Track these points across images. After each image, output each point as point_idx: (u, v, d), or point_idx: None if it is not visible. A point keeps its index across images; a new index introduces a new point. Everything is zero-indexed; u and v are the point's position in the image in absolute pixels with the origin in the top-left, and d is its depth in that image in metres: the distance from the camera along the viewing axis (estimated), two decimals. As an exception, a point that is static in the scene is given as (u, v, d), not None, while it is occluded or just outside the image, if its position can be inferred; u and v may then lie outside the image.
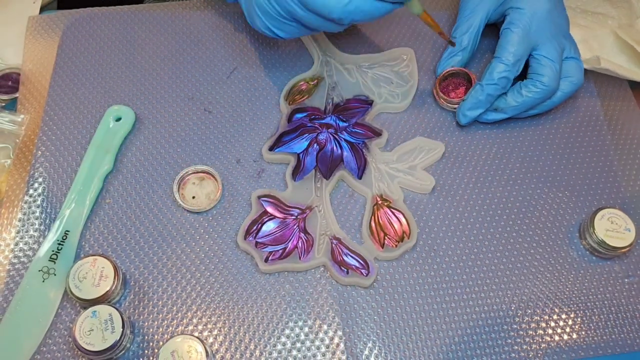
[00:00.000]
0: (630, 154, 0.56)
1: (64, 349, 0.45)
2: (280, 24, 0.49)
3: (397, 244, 0.49)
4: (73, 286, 0.44)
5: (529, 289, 0.49)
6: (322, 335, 0.46)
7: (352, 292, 0.48)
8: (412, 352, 0.46)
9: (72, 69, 0.58)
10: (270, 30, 0.50)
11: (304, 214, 0.50)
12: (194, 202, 0.51)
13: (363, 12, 0.44)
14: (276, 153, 0.53)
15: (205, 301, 0.47)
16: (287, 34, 0.50)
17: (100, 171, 0.51)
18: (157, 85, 0.57)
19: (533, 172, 0.54)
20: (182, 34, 0.61)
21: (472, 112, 0.54)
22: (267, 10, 0.48)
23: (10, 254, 0.48)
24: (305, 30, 0.49)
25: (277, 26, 0.49)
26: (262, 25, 0.50)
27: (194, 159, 0.53)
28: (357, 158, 0.53)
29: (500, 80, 0.52)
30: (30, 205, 0.50)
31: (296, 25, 0.48)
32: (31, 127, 0.54)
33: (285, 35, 0.50)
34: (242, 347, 0.45)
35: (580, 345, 0.47)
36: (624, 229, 0.49)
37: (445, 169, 0.54)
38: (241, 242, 0.48)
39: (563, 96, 0.55)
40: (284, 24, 0.49)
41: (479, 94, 0.53)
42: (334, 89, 0.57)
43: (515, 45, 0.52)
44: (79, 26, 0.60)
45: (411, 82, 0.58)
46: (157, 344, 0.45)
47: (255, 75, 0.59)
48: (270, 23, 0.49)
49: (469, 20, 0.56)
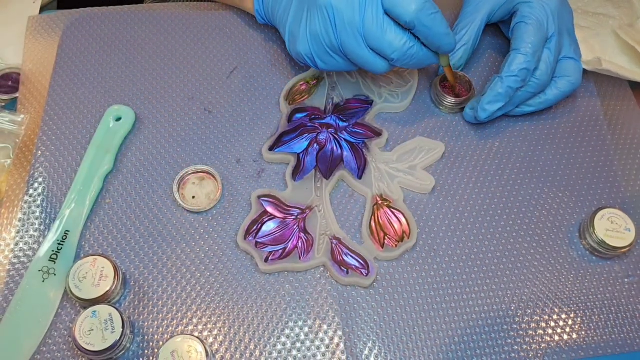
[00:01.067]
0: (630, 154, 0.56)
1: (64, 349, 0.45)
2: (327, 56, 0.49)
3: (397, 244, 0.49)
4: (73, 286, 0.44)
5: (529, 289, 0.49)
6: (322, 335, 0.46)
7: (352, 292, 0.48)
8: (412, 352, 0.46)
9: (72, 69, 0.58)
10: (312, 60, 0.50)
11: (304, 214, 0.50)
12: (194, 202, 0.51)
13: (417, 58, 0.48)
14: (276, 153, 0.53)
15: (205, 301, 0.47)
16: (328, 67, 0.51)
17: (100, 171, 0.51)
18: (157, 85, 0.57)
19: (533, 172, 0.54)
20: (182, 34, 0.61)
21: (491, 105, 0.52)
22: (321, 40, 0.48)
23: (10, 254, 0.48)
24: (349, 66, 0.50)
25: (321, 57, 0.50)
26: (306, 52, 0.50)
27: (194, 159, 0.53)
28: (357, 158, 0.53)
29: (521, 72, 0.51)
30: (30, 205, 0.50)
31: (342, 60, 0.49)
32: (31, 127, 0.54)
33: (326, 67, 0.51)
34: (242, 347, 0.45)
35: (580, 345, 0.47)
36: (624, 229, 0.49)
37: (445, 169, 0.54)
38: (241, 242, 0.48)
39: (560, 95, 0.54)
40: (330, 56, 0.49)
41: (498, 86, 0.52)
42: (334, 89, 0.57)
43: (532, 36, 0.52)
44: (79, 26, 0.60)
45: (411, 82, 0.58)
46: (157, 344, 0.45)
47: (255, 75, 0.59)
48: (316, 52, 0.49)
49: (472, 16, 0.56)
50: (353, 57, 0.48)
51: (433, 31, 0.46)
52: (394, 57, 0.47)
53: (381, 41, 0.46)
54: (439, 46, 0.47)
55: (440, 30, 0.46)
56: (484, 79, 0.60)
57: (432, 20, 0.45)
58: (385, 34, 0.46)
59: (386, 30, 0.46)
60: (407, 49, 0.46)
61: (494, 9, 0.56)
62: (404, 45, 0.46)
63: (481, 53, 0.61)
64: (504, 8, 0.56)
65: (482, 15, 0.56)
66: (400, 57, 0.47)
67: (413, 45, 0.47)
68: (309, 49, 0.49)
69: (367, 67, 0.48)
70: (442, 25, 0.46)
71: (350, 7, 0.45)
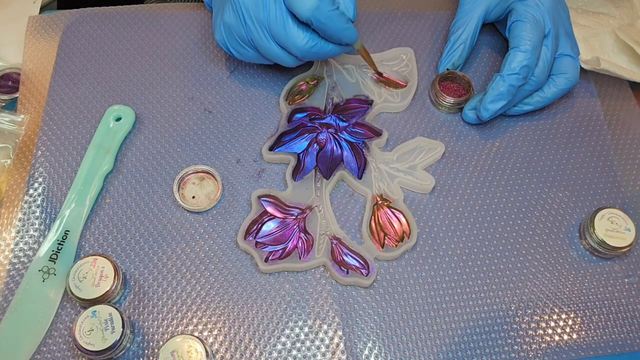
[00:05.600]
0: (630, 154, 0.56)
1: (64, 349, 0.45)
2: (239, 47, 0.51)
3: (397, 243, 0.49)
4: (73, 286, 0.44)
5: (529, 289, 0.49)
6: (322, 335, 0.46)
7: (352, 292, 0.48)
8: (412, 352, 0.46)
9: (72, 69, 0.58)
10: (226, 48, 0.52)
11: (304, 214, 0.50)
12: (194, 202, 0.51)
13: (320, 54, 0.49)
14: (276, 153, 0.53)
15: (205, 301, 0.47)
16: (242, 57, 0.53)
17: (100, 171, 0.51)
18: (157, 85, 0.57)
19: (533, 172, 0.54)
20: (182, 34, 0.61)
21: (494, 104, 0.52)
22: (233, 32, 0.50)
23: (10, 254, 0.48)
24: (261, 59, 0.52)
25: (235, 48, 0.52)
26: (221, 41, 0.52)
27: (194, 159, 0.53)
28: (357, 158, 0.53)
29: (522, 69, 0.51)
30: (30, 205, 0.50)
31: (254, 52, 0.51)
32: (31, 127, 0.54)
33: (239, 57, 0.53)
34: (242, 347, 0.45)
35: (580, 345, 0.47)
36: (624, 229, 0.49)
37: (445, 169, 0.54)
38: (241, 242, 0.48)
39: (558, 93, 0.54)
40: (243, 48, 0.51)
41: (499, 85, 0.52)
42: (334, 89, 0.57)
43: (530, 33, 0.52)
44: (79, 26, 0.60)
45: (411, 82, 0.58)
46: (157, 344, 0.45)
47: (255, 75, 0.59)
48: (229, 43, 0.52)
49: (468, 15, 0.56)
50: (262, 51, 0.50)
51: (331, 27, 0.47)
52: (297, 55, 0.49)
53: (285, 39, 0.48)
54: (340, 39, 0.49)
55: (338, 25, 0.47)
56: (483, 79, 0.60)
57: (328, 18, 0.46)
58: (288, 33, 0.47)
59: (289, 28, 0.47)
60: (309, 47, 0.48)
61: (490, 8, 0.56)
62: (306, 44, 0.48)
63: (480, 53, 0.61)
64: (500, 7, 0.56)
65: (479, 14, 0.56)
66: (304, 55, 0.49)
67: (316, 44, 0.48)
68: (224, 39, 0.52)
69: (277, 61, 0.51)
70: (339, 21, 0.47)
71: (255, 3, 0.47)
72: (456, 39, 0.57)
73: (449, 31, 0.58)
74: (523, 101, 0.55)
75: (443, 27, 0.63)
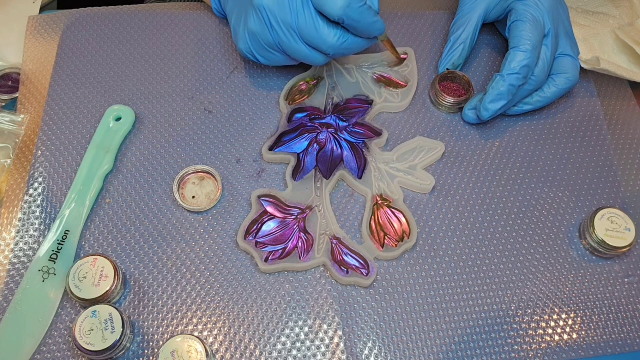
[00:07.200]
0: (630, 154, 0.56)
1: (64, 349, 0.45)
2: (266, 52, 0.51)
3: (397, 243, 0.49)
4: (73, 286, 0.44)
5: (529, 289, 0.49)
6: (322, 335, 0.46)
7: (352, 292, 0.48)
8: (412, 352, 0.46)
9: (72, 69, 0.58)
10: (252, 55, 0.52)
11: (304, 214, 0.50)
12: (194, 202, 0.51)
13: (351, 49, 0.50)
14: (276, 153, 0.53)
15: (205, 301, 0.47)
16: (269, 62, 0.53)
17: (100, 171, 0.51)
18: (157, 85, 0.57)
19: (533, 172, 0.54)
20: (182, 34, 0.61)
21: (494, 104, 0.52)
22: (259, 38, 0.50)
23: (10, 254, 0.48)
24: (289, 60, 0.52)
25: (261, 53, 0.51)
26: (246, 49, 0.52)
27: (194, 159, 0.53)
28: (357, 158, 0.53)
29: (522, 69, 0.51)
30: (30, 205, 0.50)
31: (282, 55, 0.51)
32: (31, 127, 0.54)
33: (266, 62, 0.53)
34: (242, 347, 0.45)
35: (580, 345, 0.47)
36: (624, 229, 0.49)
37: (445, 169, 0.54)
38: (241, 242, 0.48)
39: (558, 92, 0.54)
40: (270, 52, 0.51)
41: (500, 85, 0.52)
42: (334, 89, 0.57)
43: (530, 33, 0.52)
44: (79, 26, 0.60)
45: (411, 82, 0.58)
46: (157, 344, 0.45)
47: (255, 75, 0.59)
48: (255, 49, 0.51)
49: (468, 15, 0.56)
50: (291, 53, 0.50)
51: (362, 23, 0.47)
52: (329, 53, 0.49)
53: (316, 39, 0.48)
54: (369, 33, 0.49)
55: (368, 20, 0.48)
56: (483, 79, 0.60)
57: (359, 14, 0.47)
58: (319, 32, 0.48)
59: (319, 28, 0.48)
60: (340, 43, 0.49)
61: (490, 8, 0.56)
62: (337, 40, 0.48)
63: (480, 53, 0.61)
64: (500, 7, 0.56)
65: (479, 14, 0.56)
66: (336, 52, 0.49)
67: (346, 40, 0.49)
68: (249, 46, 0.51)
69: (306, 61, 0.51)
70: (369, 15, 0.48)
71: (281, 7, 0.47)
72: (456, 39, 0.57)
73: (449, 31, 0.58)
74: (523, 101, 0.55)
75: (443, 27, 0.63)
